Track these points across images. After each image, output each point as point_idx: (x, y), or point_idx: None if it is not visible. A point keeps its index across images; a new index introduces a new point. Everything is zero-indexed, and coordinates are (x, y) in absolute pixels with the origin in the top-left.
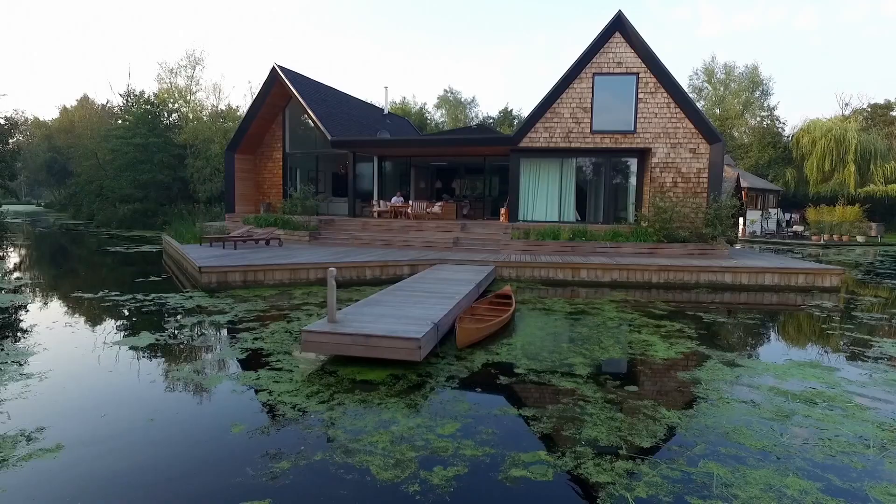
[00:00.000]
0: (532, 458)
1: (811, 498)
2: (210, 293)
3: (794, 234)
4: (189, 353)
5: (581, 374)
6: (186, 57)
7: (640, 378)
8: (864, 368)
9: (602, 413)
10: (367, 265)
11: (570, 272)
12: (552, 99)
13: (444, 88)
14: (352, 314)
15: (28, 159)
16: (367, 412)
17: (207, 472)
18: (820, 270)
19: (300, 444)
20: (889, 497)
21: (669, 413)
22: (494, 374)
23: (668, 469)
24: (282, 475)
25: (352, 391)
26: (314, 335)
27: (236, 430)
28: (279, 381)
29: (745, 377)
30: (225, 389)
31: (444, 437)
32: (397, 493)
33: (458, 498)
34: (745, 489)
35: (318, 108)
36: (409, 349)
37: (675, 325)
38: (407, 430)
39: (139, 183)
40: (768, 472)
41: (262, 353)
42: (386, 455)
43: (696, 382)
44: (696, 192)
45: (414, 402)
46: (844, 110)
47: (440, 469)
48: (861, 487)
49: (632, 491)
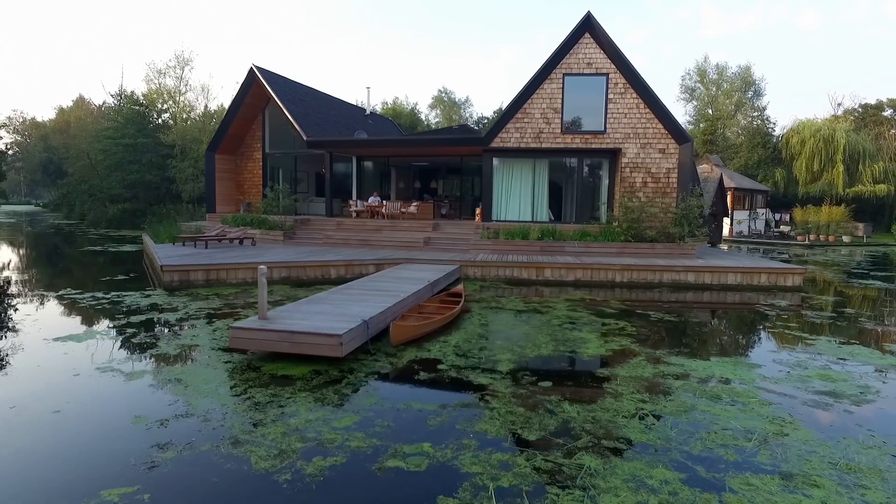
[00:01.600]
0: (414, 449)
1: (669, 488)
2: (170, 291)
3: (780, 235)
4: (122, 349)
5: (502, 370)
6: (175, 57)
7: (559, 374)
8: (785, 365)
9: (504, 408)
10: (331, 264)
11: (534, 272)
12: (523, 99)
13: (438, 89)
14: (287, 312)
15: (25, 159)
16: (272, 406)
17: (89, 461)
18: (782, 270)
19: (193, 435)
20: (746, 486)
21: (571, 408)
22: (416, 370)
23: (541, 461)
24: (161, 464)
25: (267, 386)
26: (242, 332)
27: (137, 422)
28: (200, 376)
29: (664, 373)
30: (143, 384)
31: (337, 430)
32: (267, 481)
33: (322, 486)
34: (607, 480)
35: (296, 108)
36: (332, 345)
37: (620, 323)
38: (303, 423)
39: (128, 183)
40: (639, 464)
41: (194, 349)
42: (271, 446)
43: (612, 378)
44: (665, 192)
45: (323, 396)
46: (837, 111)
47: (319, 459)
48: (722, 478)
49: (496, 481)
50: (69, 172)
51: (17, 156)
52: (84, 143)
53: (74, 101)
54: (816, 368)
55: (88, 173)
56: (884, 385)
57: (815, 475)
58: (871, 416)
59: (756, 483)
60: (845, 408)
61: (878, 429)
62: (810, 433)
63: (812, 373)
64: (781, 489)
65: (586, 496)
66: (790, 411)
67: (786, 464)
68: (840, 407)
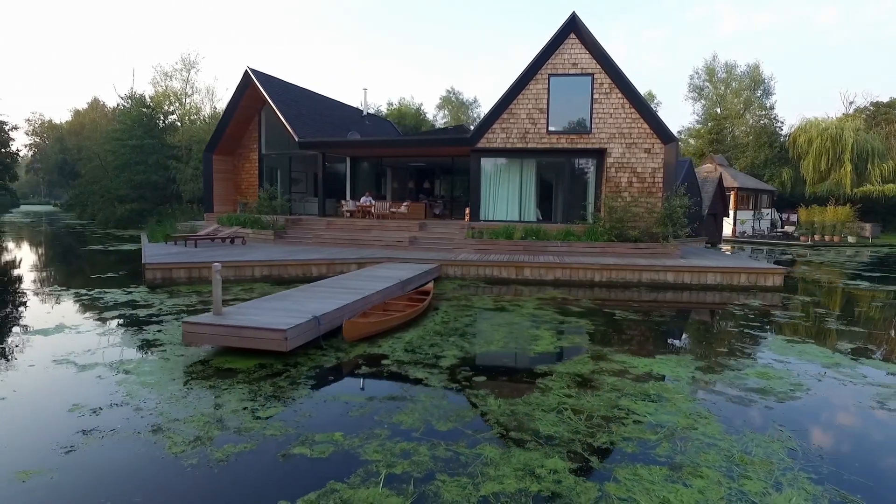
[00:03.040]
0: (325, 438)
1: (555, 476)
2: (152, 289)
3: (783, 235)
4: (85, 342)
5: (443, 365)
6: (181, 60)
7: (498, 370)
8: (727, 363)
9: (428, 401)
10: (313, 263)
11: (513, 271)
12: (508, 100)
13: (446, 89)
14: (245, 308)
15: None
16: (206, 397)
17: (13, 445)
18: (762, 270)
19: (120, 422)
20: (631, 476)
21: (494, 401)
22: (360, 365)
23: (443, 450)
24: (79, 449)
25: (209, 378)
26: (194, 327)
27: (73, 410)
28: (148, 369)
29: (602, 370)
30: (92, 375)
31: (259, 420)
32: (174, 465)
33: (223, 469)
34: (499, 469)
35: (288, 109)
36: (277, 340)
37: (581, 321)
38: (229, 413)
39: (135, 183)
40: (536, 455)
41: (154, 343)
42: (190, 433)
43: (548, 374)
44: (651, 192)
45: (259, 388)
46: (849, 109)
47: (229, 446)
48: (611, 468)
49: (391, 468)
50: (81, 173)
51: (35, 157)
52: (95, 145)
53: (89, 104)
54: (757, 367)
55: (99, 174)
56: (818, 383)
57: (704, 467)
58: (789, 413)
59: (642, 473)
60: (768, 404)
61: (790, 424)
62: (719, 427)
63: (751, 371)
64: (664, 479)
65: (472, 483)
66: (710, 407)
67: (680, 456)
68: (763, 404)
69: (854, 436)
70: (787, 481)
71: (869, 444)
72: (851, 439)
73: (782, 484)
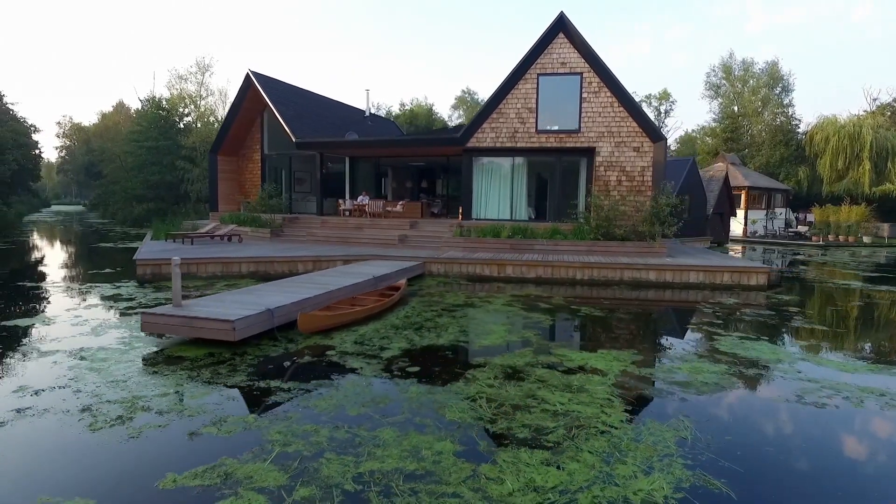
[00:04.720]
0: (238, 420)
1: (437, 458)
2: (141, 283)
3: (795, 234)
4: (54, 332)
5: (384, 356)
6: (196, 63)
7: (435, 361)
8: (666, 358)
9: (351, 388)
10: (299, 260)
11: (496, 269)
12: (498, 99)
13: (462, 89)
14: (206, 301)
15: (72, 162)
16: (145, 382)
17: None
18: (745, 269)
19: (56, 403)
20: (511, 459)
21: (415, 389)
22: (304, 354)
23: (343, 432)
24: (7, 424)
25: (155, 365)
26: (152, 317)
27: (17, 391)
28: (103, 356)
29: (536, 363)
30: (47, 361)
31: (185, 404)
32: (96, 439)
33: (133, 443)
34: (389, 449)
35: (287, 110)
36: (226, 330)
37: (542, 317)
38: (159, 395)
39: (150, 184)
40: (430, 438)
41: (120, 333)
42: (114, 414)
43: (482, 366)
44: (640, 191)
45: (197, 375)
46: (871, 105)
47: (145, 425)
48: (495, 451)
49: (286, 446)
50: (104, 174)
51: (65, 158)
52: (116, 147)
53: (114, 107)
54: (694, 362)
55: (119, 175)
56: (746, 378)
57: (586, 452)
58: (701, 406)
59: (523, 456)
60: (684, 397)
61: (696, 416)
62: (622, 416)
63: (686, 366)
64: (540, 462)
65: (354, 461)
66: (624, 398)
67: (568, 442)
68: (680, 396)
69: (753, 427)
70: (660, 467)
71: (764, 435)
72: (749, 430)
73: (653, 469)
